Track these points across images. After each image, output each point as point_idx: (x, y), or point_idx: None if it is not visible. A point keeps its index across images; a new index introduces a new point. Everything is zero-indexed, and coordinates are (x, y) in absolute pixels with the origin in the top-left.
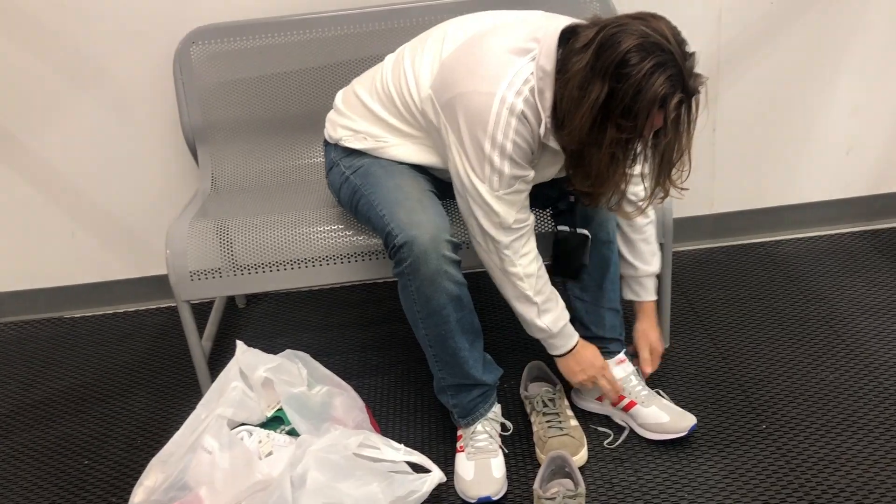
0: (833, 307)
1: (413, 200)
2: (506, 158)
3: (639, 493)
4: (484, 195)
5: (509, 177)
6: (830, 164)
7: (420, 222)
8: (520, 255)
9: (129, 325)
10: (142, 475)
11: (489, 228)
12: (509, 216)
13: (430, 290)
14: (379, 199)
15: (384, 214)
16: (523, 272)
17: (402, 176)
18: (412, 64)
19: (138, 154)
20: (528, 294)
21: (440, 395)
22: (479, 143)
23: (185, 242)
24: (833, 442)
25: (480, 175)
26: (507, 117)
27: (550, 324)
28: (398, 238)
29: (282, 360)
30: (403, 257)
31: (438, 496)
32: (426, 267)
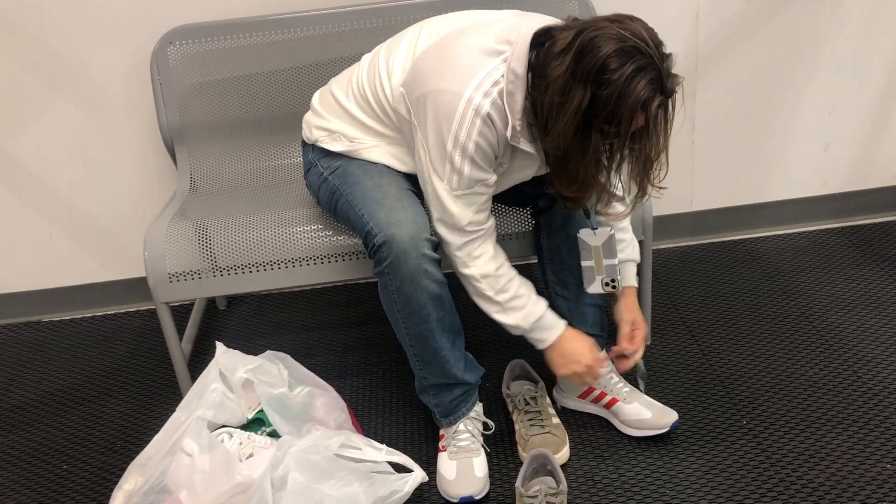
0: (812, 303)
1: (392, 199)
2: (467, 159)
3: (621, 490)
4: (441, 194)
5: (469, 178)
6: (808, 161)
7: (399, 221)
8: (473, 258)
9: (108, 329)
10: (121, 479)
11: (442, 230)
12: (463, 218)
13: (410, 290)
14: (358, 198)
15: (363, 214)
16: (479, 273)
17: (381, 175)
18: (386, 62)
19: (115, 155)
20: (489, 294)
21: (422, 394)
22: (441, 141)
23: (163, 244)
24: (813, 436)
25: (440, 173)
26: (472, 118)
27: (520, 321)
28: (378, 237)
29: (262, 361)
30: (383, 256)
31: (421, 496)
32: (406, 266)
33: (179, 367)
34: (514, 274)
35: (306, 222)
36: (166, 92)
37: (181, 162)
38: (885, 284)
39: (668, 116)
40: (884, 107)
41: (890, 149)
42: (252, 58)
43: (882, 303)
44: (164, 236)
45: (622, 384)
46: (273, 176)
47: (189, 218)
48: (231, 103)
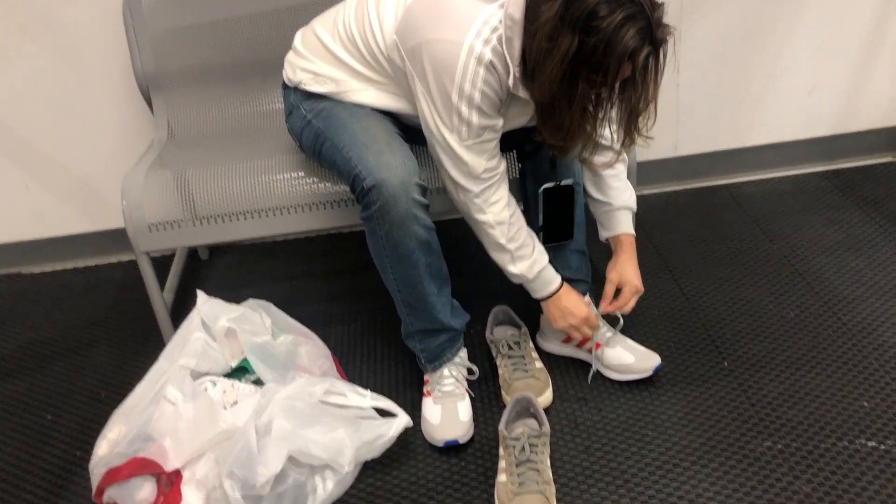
0: (794, 246)
1: (381, 142)
2: (474, 108)
3: (603, 432)
4: (452, 145)
5: (478, 127)
6: (794, 104)
7: (389, 164)
8: (490, 204)
9: (90, 280)
10: (105, 428)
11: (458, 178)
12: (479, 165)
13: (399, 235)
14: (344, 141)
15: (351, 157)
16: (494, 220)
17: (368, 118)
18: (376, 8)
19: (90, 103)
20: (501, 242)
21: (407, 340)
22: (446, 93)
23: (141, 193)
24: (792, 377)
25: (449, 125)
26: (475, 67)
27: (525, 270)
28: (366, 181)
29: (244, 310)
30: (372, 201)
31: (405, 440)
32: (396, 211)
33: (161, 316)
34: (523, 222)
35: (288, 169)
36: (140, 37)
37: (157, 109)
38: (867, 227)
39: (657, 67)
40: (869, 49)
41: (875, 91)
42: (228, 1)
43: (863, 245)
44: (141, 185)
45: (605, 328)
46: (253, 122)
47: (167, 166)
48: (208, 48)
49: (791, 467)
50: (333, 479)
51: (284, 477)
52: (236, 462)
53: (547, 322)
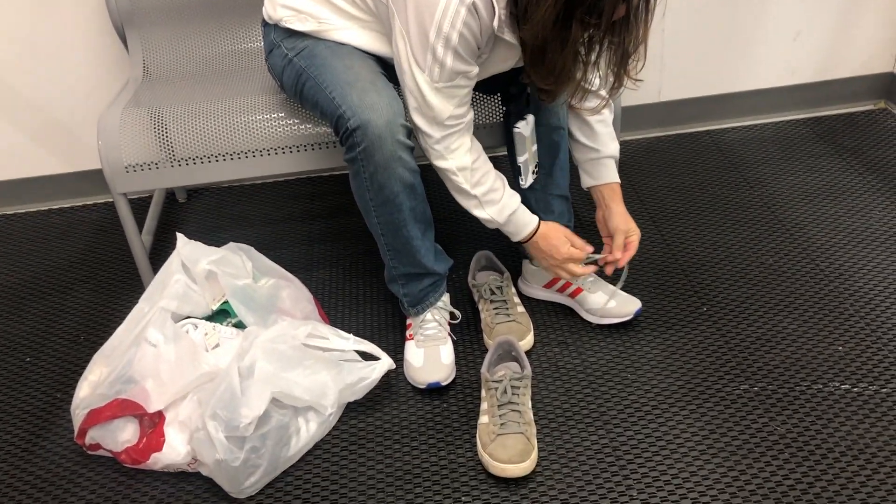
0: (774, 193)
1: (365, 82)
2: (450, 50)
3: (583, 375)
4: (421, 85)
5: (451, 70)
6: (778, 50)
7: (374, 104)
8: (451, 151)
9: (65, 222)
10: (86, 370)
11: (420, 122)
12: (444, 111)
13: (384, 177)
14: (327, 80)
15: (334, 97)
16: (455, 166)
17: (352, 57)
18: None
19: (63, 41)
20: (465, 187)
21: (390, 284)
22: (424, 31)
23: (117, 133)
24: (770, 322)
25: (421, 63)
26: (457, 6)
27: (495, 215)
28: (351, 121)
29: (225, 253)
30: (356, 142)
31: (388, 383)
32: (381, 152)
33: (140, 259)
34: (489, 167)
35: (268, 110)
36: None
37: (132, 47)
38: (846, 175)
39: (649, 7)
40: None
41: (859, 38)
42: None
43: (842, 192)
44: (117, 125)
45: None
46: (232, 61)
47: (144, 106)
48: None
49: (766, 409)
50: (316, 420)
51: (268, 418)
52: (220, 403)
53: (529, 267)
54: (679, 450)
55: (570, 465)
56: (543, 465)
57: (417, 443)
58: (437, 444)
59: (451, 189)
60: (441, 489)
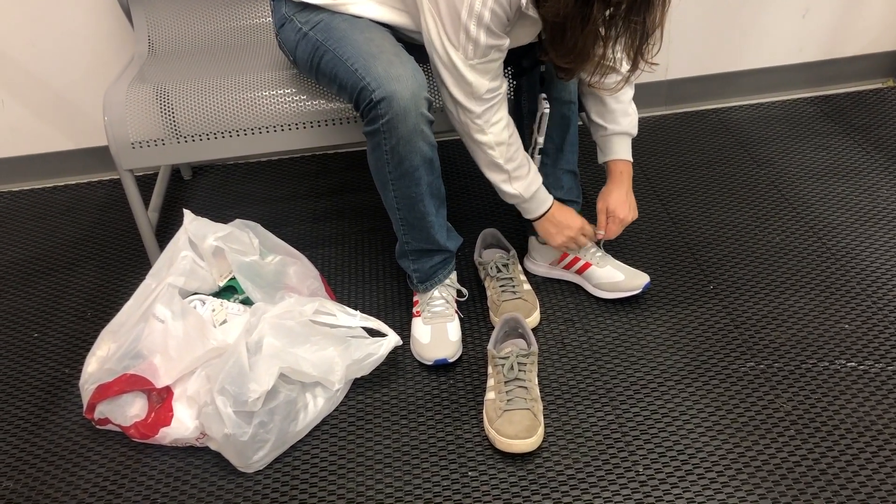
0: (781, 171)
1: (390, 54)
2: (482, 27)
3: (589, 352)
4: (457, 63)
5: (485, 46)
6: (786, 27)
7: (400, 76)
8: (490, 124)
9: (72, 199)
10: (94, 346)
11: (460, 97)
12: (482, 86)
13: (405, 150)
14: (348, 52)
15: (357, 69)
16: (494, 140)
17: (371, 29)
18: None
19: (68, 16)
20: (499, 162)
21: (401, 259)
22: (455, 10)
23: (123, 109)
24: (777, 300)
25: (455, 43)
26: None
27: (522, 190)
28: (376, 92)
29: (232, 229)
30: (381, 113)
31: (395, 359)
32: (405, 125)
33: (147, 235)
34: (520, 143)
35: (275, 86)
36: None
37: (138, 23)
38: (854, 153)
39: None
40: None
41: (867, 16)
42: None
43: (849, 171)
44: (123, 101)
45: (594, 248)
46: (238, 36)
47: (149, 82)
48: None
49: (773, 387)
50: (324, 395)
51: (276, 393)
52: (228, 378)
53: (535, 245)
54: (685, 427)
55: (577, 441)
56: (550, 440)
57: (424, 419)
58: (444, 420)
59: (483, 164)
60: (448, 464)
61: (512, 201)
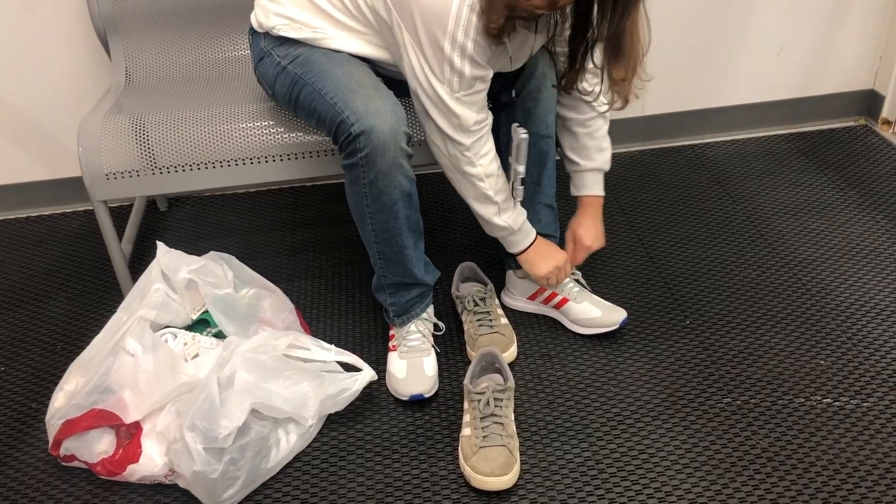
0: (757, 207)
1: (369, 88)
2: (466, 59)
3: (566, 387)
4: (444, 97)
5: (470, 77)
6: (761, 65)
7: (379, 110)
8: (480, 156)
9: (44, 230)
10: (62, 380)
11: (449, 131)
12: (469, 118)
13: (383, 184)
14: (327, 87)
15: (336, 102)
16: (484, 172)
17: (350, 64)
18: None
19: (44, 46)
20: (489, 194)
21: (378, 292)
22: (438, 44)
23: (98, 140)
24: (753, 335)
25: (440, 76)
26: (468, 15)
27: (511, 221)
28: (355, 126)
29: (206, 262)
30: (359, 147)
31: (370, 394)
32: (384, 159)
33: (119, 267)
34: (504, 174)
35: (253, 118)
36: None
37: (115, 54)
38: (828, 190)
39: None
40: (836, 11)
41: (840, 54)
42: None
43: (824, 207)
44: (98, 132)
45: (572, 284)
46: (216, 69)
47: (125, 113)
48: None
49: (749, 423)
50: (297, 432)
51: (247, 429)
52: (198, 414)
53: (513, 279)
54: (662, 463)
55: (553, 478)
56: (526, 477)
57: (399, 455)
58: (419, 457)
59: (472, 197)
60: (423, 502)
61: (500, 234)
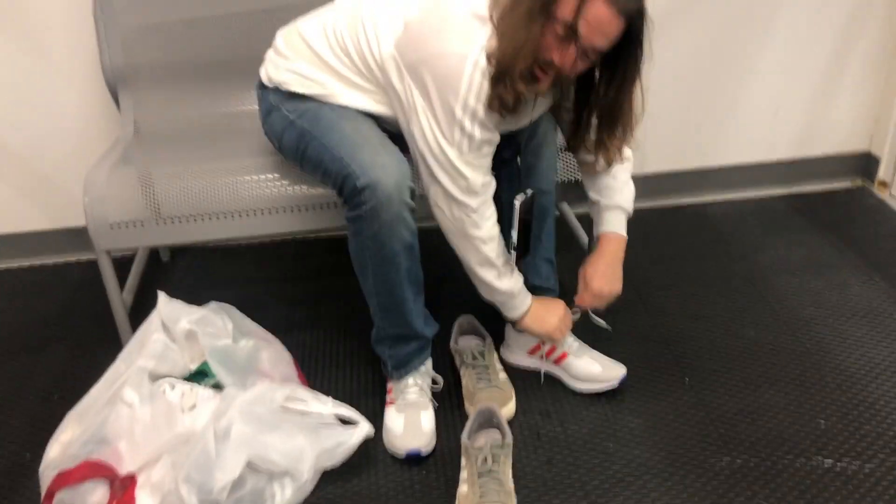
0: (755, 266)
1: (375, 143)
2: (477, 122)
3: (565, 444)
4: (453, 159)
5: (479, 141)
6: (759, 126)
7: (384, 164)
8: (485, 219)
9: (47, 278)
10: (57, 429)
11: (457, 194)
12: (477, 180)
13: (386, 237)
14: (335, 141)
15: (342, 156)
16: (488, 235)
17: (357, 119)
18: (372, 18)
19: (55, 96)
20: (491, 257)
21: (377, 345)
22: (449, 107)
23: (104, 190)
24: (752, 395)
25: (450, 139)
26: (480, 80)
27: (512, 285)
28: (360, 180)
29: (206, 313)
30: (363, 200)
31: (366, 449)
32: (387, 212)
33: (120, 317)
34: (502, 239)
35: (257, 171)
36: (109, 32)
37: (124, 106)
38: (826, 250)
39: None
40: (832, 74)
41: (836, 116)
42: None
43: (823, 267)
44: (105, 182)
45: (571, 339)
46: (223, 123)
47: (132, 164)
48: (178, 46)
49: (749, 483)
50: (292, 486)
51: (242, 483)
52: (193, 466)
53: (512, 333)
54: None
55: None
56: None
57: None
58: None
59: (475, 262)
60: None
61: (500, 298)
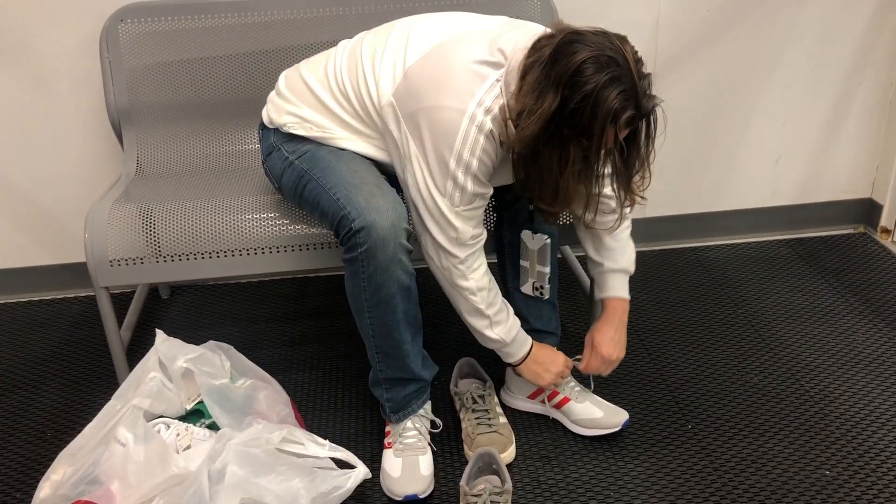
0: (758, 312)
1: (371, 185)
2: (470, 175)
3: (565, 491)
4: (444, 210)
5: (471, 193)
6: (760, 172)
7: (380, 207)
8: (472, 270)
9: (45, 314)
10: (49, 469)
11: (445, 243)
12: (466, 232)
13: (382, 278)
14: (332, 182)
15: (339, 198)
16: (475, 286)
17: (355, 161)
18: (371, 64)
19: (59, 134)
20: (481, 307)
21: (374, 387)
22: (443, 159)
23: (105, 227)
24: (755, 442)
25: (442, 190)
26: (476, 135)
27: (504, 334)
28: (356, 222)
29: (204, 351)
30: (359, 242)
31: (363, 493)
32: (383, 254)
33: (117, 355)
34: (497, 288)
35: (259, 210)
36: (115, 71)
37: (128, 144)
38: (829, 296)
39: (649, 132)
40: (833, 121)
41: (837, 163)
42: (206, 41)
43: (825, 313)
44: (106, 219)
45: (573, 383)
46: (224, 162)
47: (134, 201)
48: (182, 86)
49: None
50: None
51: None
52: None
53: (513, 377)
54: None
55: None
56: None
57: None
58: None
59: (465, 311)
60: None
61: (493, 346)
